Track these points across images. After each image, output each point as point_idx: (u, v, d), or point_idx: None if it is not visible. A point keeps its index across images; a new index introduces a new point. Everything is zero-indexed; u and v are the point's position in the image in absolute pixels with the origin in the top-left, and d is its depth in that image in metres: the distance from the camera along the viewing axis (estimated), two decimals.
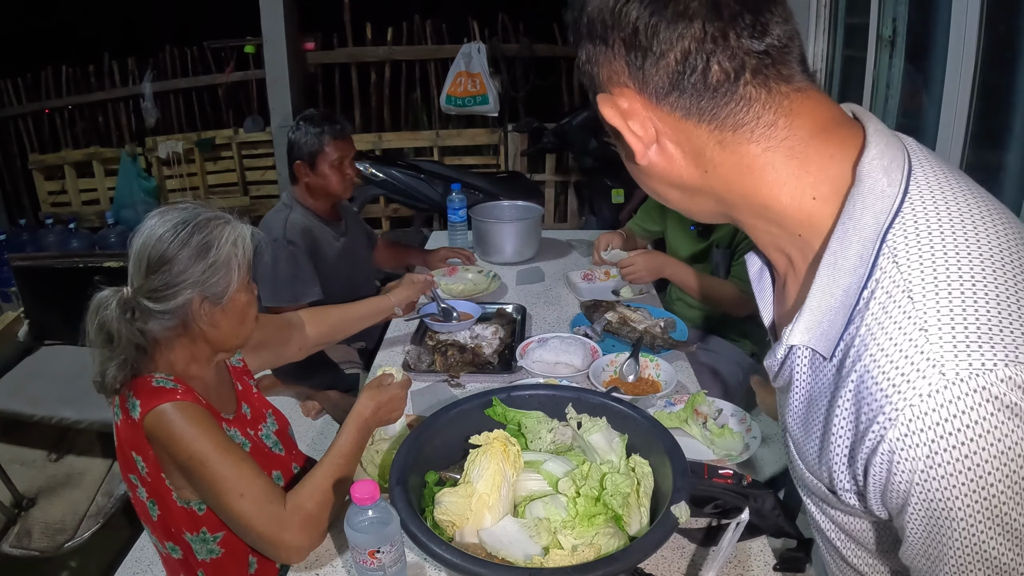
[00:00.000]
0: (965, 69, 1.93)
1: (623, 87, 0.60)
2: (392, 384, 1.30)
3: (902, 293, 0.53)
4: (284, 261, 2.01)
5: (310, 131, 2.06)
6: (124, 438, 1.13)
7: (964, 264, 0.52)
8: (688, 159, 0.61)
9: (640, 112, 0.60)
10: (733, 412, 1.51)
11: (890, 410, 0.52)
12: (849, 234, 0.56)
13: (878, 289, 0.54)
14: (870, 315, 0.55)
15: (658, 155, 0.62)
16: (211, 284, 1.12)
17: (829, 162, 0.58)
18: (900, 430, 0.52)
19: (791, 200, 0.59)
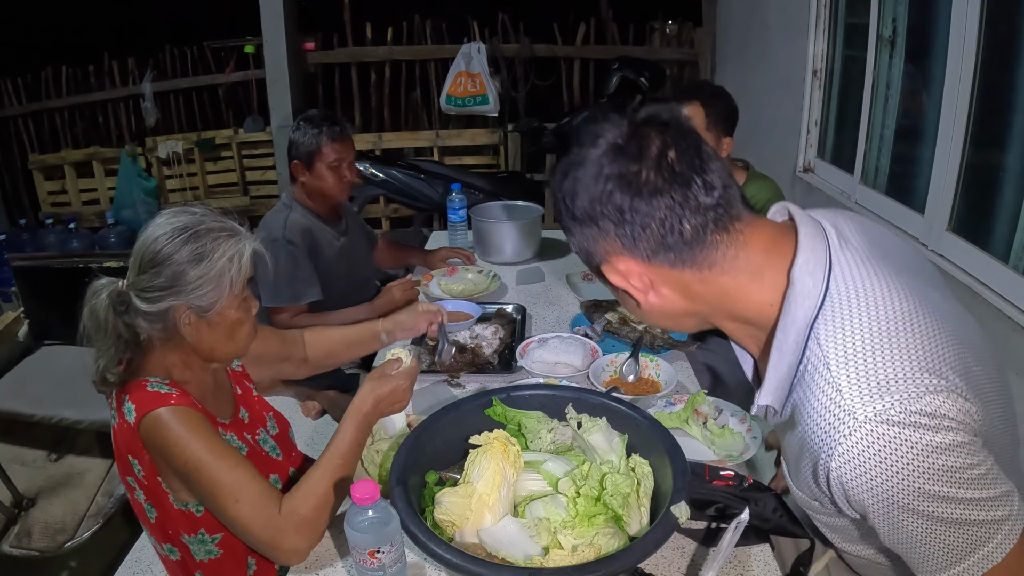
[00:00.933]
0: (965, 69, 1.93)
1: (618, 255, 0.78)
2: (395, 374, 1.25)
3: (823, 365, 0.72)
4: (284, 261, 2.01)
5: (309, 131, 2.05)
6: (120, 441, 1.13)
7: (866, 339, 0.71)
8: (678, 295, 0.80)
9: (635, 271, 0.79)
10: (733, 412, 1.50)
11: (828, 450, 0.72)
12: (788, 327, 0.76)
13: (808, 364, 0.75)
14: (803, 384, 0.75)
15: (656, 298, 0.81)
16: (198, 296, 1.09)
17: (774, 272, 0.77)
18: (838, 461, 0.71)
19: (755, 308, 0.80)
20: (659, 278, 0.79)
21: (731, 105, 1.97)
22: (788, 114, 3.21)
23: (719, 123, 1.93)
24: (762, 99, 3.49)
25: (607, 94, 3.85)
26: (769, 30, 3.50)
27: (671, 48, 5.04)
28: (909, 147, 2.44)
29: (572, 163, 0.78)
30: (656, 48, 5.07)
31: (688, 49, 4.93)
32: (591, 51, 5.17)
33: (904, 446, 0.68)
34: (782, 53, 3.31)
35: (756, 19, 3.66)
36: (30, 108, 5.46)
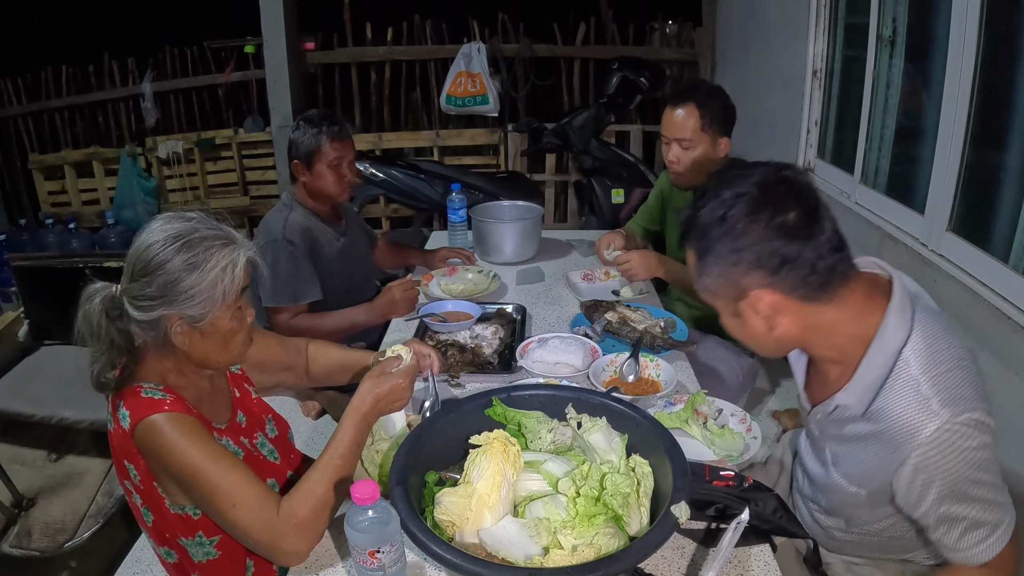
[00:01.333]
0: (965, 69, 1.93)
1: (761, 288, 0.97)
2: (395, 372, 1.24)
3: (913, 379, 0.98)
4: (284, 261, 2.01)
5: (309, 131, 2.05)
6: (116, 446, 1.12)
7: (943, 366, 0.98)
8: (794, 325, 1.01)
9: (769, 301, 0.98)
10: (733, 412, 1.51)
11: (913, 438, 0.97)
12: (880, 350, 1.01)
13: (898, 378, 0.99)
14: (893, 391, 0.99)
15: (771, 326, 1.01)
16: (189, 306, 1.07)
17: (872, 314, 1.02)
18: (923, 448, 0.96)
19: (852, 337, 1.03)
20: (787, 310, 0.99)
21: (728, 105, 1.97)
22: (788, 114, 3.21)
23: (715, 124, 1.93)
24: (762, 99, 3.49)
25: (607, 94, 3.84)
26: (769, 30, 3.50)
27: (671, 48, 5.04)
28: (909, 147, 2.44)
29: (723, 208, 0.96)
30: (656, 48, 5.07)
31: (688, 49, 4.93)
32: (591, 51, 5.17)
33: (964, 438, 0.95)
34: (782, 53, 3.31)
35: (756, 19, 3.66)
36: (30, 108, 5.46)
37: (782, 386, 2.48)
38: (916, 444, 0.96)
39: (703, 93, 1.96)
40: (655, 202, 2.35)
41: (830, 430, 1.14)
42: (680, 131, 1.94)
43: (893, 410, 0.99)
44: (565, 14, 5.23)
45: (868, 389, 1.02)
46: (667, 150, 2.01)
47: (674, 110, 1.95)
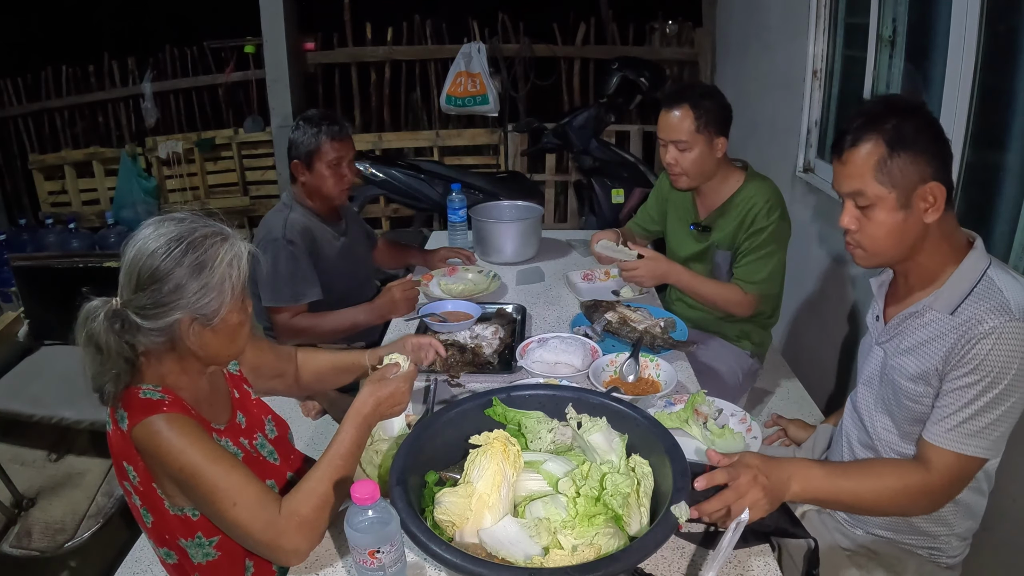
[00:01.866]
0: (965, 69, 1.93)
1: (935, 179, 1.15)
2: (395, 377, 1.26)
3: (996, 290, 1.16)
4: (284, 261, 2.01)
5: (308, 130, 2.05)
6: (115, 448, 1.12)
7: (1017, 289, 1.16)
8: (937, 221, 1.18)
9: (937, 191, 1.15)
10: (733, 412, 1.51)
11: (991, 327, 1.12)
12: (971, 268, 1.21)
13: (983, 288, 1.17)
14: (979, 296, 1.17)
15: (934, 214, 1.17)
16: (202, 306, 1.08)
17: (963, 240, 1.25)
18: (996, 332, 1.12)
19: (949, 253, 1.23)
20: (941, 206, 1.16)
21: (723, 104, 1.96)
22: (788, 114, 3.21)
23: (711, 124, 1.92)
24: (762, 99, 3.49)
25: (607, 94, 3.84)
26: (769, 30, 3.50)
27: (671, 48, 5.04)
28: None
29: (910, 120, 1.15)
30: (656, 48, 5.07)
31: (688, 49, 4.93)
32: (591, 51, 5.17)
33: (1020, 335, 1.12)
34: (782, 53, 3.31)
35: (756, 19, 3.66)
36: (30, 108, 5.46)
37: (782, 386, 2.48)
38: (988, 328, 1.12)
39: (697, 94, 1.95)
40: (654, 203, 2.35)
41: (900, 339, 1.28)
42: (676, 133, 1.94)
43: (978, 309, 1.15)
44: (565, 14, 5.23)
45: (959, 294, 1.19)
46: (664, 152, 2.01)
47: (669, 112, 1.95)
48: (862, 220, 1.22)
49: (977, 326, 1.13)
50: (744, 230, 1.98)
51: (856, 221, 1.23)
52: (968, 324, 1.15)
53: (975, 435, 1.15)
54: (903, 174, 1.15)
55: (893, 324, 1.30)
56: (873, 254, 1.25)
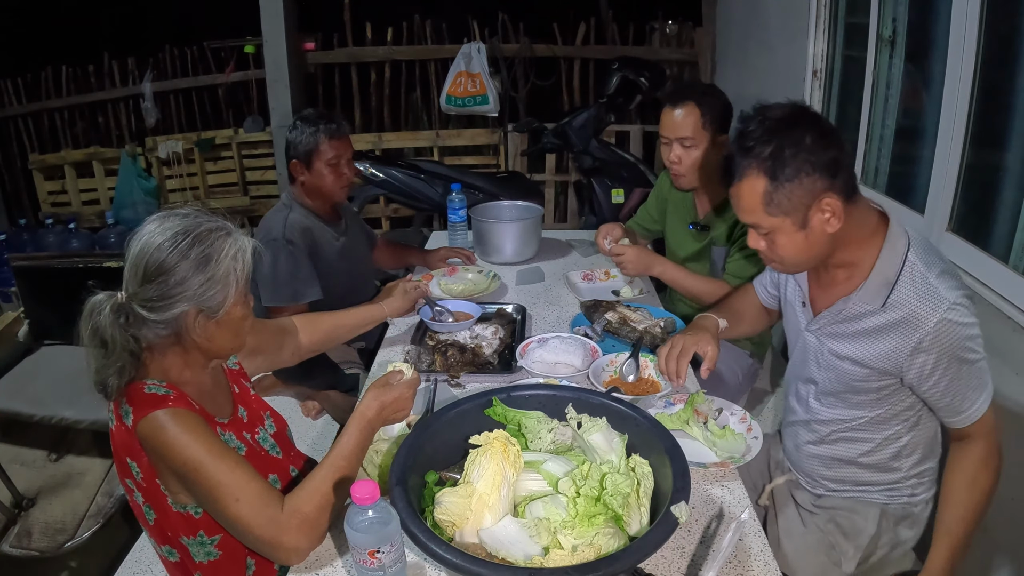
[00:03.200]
0: (965, 69, 1.93)
1: (825, 192, 1.16)
2: (399, 383, 1.27)
3: (921, 274, 1.19)
4: (284, 261, 2.01)
5: (306, 130, 2.06)
6: (119, 444, 1.13)
7: (942, 263, 1.22)
8: (841, 224, 1.18)
9: (831, 203, 1.16)
10: (733, 412, 1.50)
11: (928, 318, 1.17)
12: (891, 254, 1.22)
13: (908, 274, 1.20)
14: (905, 284, 1.20)
15: (834, 224, 1.18)
16: (208, 298, 1.10)
17: (878, 223, 1.25)
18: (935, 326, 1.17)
19: (867, 240, 1.24)
20: (840, 210, 1.16)
21: (724, 103, 1.97)
22: None
23: (714, 122, 1.93)
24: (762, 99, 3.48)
25: (607, 94, 3.84)
26: (769, 30, 3.49)
27: (671, 48, 5.04)
28: (909, 147, 2.44)
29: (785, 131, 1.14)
30: (656, 48, 5.07)
31: (688, 49, 4.93)
32: (591, 51, 5.17)
33: (964, 316, 1.17)
34: (782, 53, 3.31)
35: (756, 19, 3.66)
36: (30, 108, 5.46)
37: (782, 386, 2.48)
38: (927, 330, 1.17)
39: (700, 91, 1.96)
40: (654, 203, 2.35)
41: (837, 329, 1.32)
42: (681, 130, 1.94)
43: (909, 299, 1.19)
44: (565, 14, 5.23)
45: (885, 284, 1.21)
46: (667, 151, 2.01)
47: (673, 110, 1.95)
48: (767, 242, 1.24)
49: (918, 327, 1.18)
50: (740, 226, 1.99)
51: (762, 242, 1.25)
52: (909, 325, 1.19)
53: (981, 390, 1.25)
54: (792, 200, 1.15)
55: (825, 316, 1.33)
56: (790, 267, 1.30)
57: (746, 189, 1.18)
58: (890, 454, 1.40)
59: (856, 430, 1.40)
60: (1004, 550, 1.77)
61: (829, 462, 1.47)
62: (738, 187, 1.20)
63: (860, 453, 1.41)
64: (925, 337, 1.18)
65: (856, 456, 1.42)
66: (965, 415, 1.25)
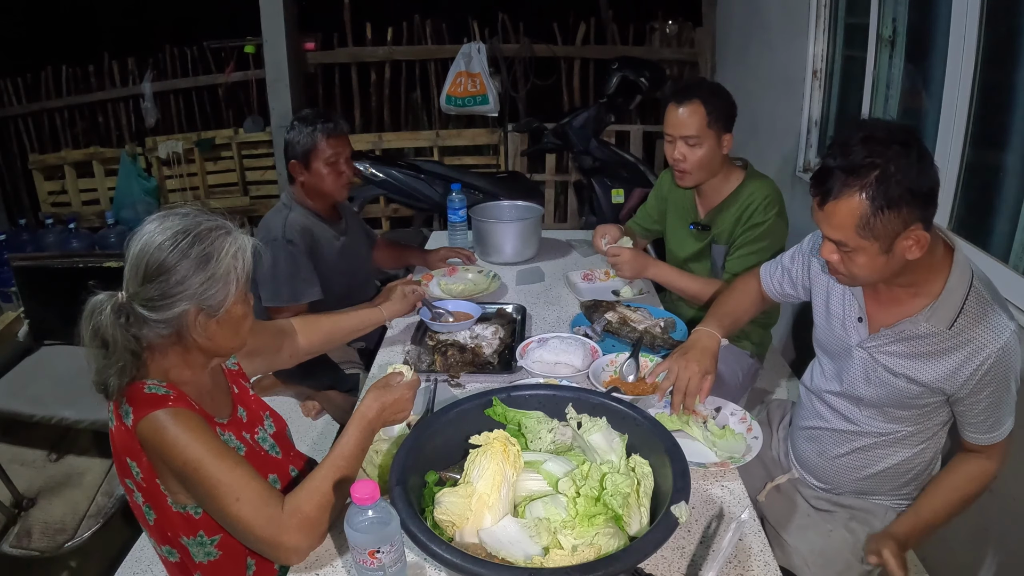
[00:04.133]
0: (965, 69, 1.93)
1: (917, 222, 1.14)
2: (399, 385, 1.28)
3: (987, 303, 1.24)
4: (284, 261, 2.01)
5: (304, 130, 2.06)
6: (119, 444, 1.13)
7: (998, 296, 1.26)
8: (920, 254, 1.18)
9: (919, 231, 1.15)
10: (733, 412, 1.50)
11: (993, 343, 1.22)
12: (958, 279, 1.24)
13: (973, 302, 1.23)
14: (972, 311, 1.23)
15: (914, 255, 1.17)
16: (208, 297, 1.10)
17: (945, 252, 1.26)
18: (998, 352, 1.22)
19: (935, 267, 1.25)
20: (925, 240, 1.16)
21: (730, 102, 1.97)
22: (788, 114, 3.21)
23: (720, 120, 1.93)
24: (762, 99, 3.49)
25: (607, 94, 3.84)
26: (769, 30, 3.50)
27: (671, 48, 5.04)
28: None
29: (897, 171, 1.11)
30: (656, 48, 5.07)
31: (688, 49, 4.93)
32: (591, 51, 5.17)
33: (1018, 346, 1.22)
34: (782, 53, 3.31)
35: (756, 19, 3.66)
36: (30, 108, 5.46)
37: (782, 386, 2.48)
38: (989, 353, 1.21)
39: (707, 90, 1.96)
40: (654, 203, 2.35)
41: (896, 348, 1.32)
42: (686, 128, 1.94)
43: (974, 324, 1.22)
44: (565, 14, 5.22)
45: (953, 309, 1.23)
46: (671, 149, 2.00)
47: (678, 108, 1.94)
48: (843, 257, 1.22)
49: (982, 350, 1.22)
50: (741, 224, 1.99)
51: (837, 256, 1.23)
52: (972, 347, 1.23)
53: (1011, 415, 1.31)
54: (886, 228, 1.14)
55: (885, 334, 1.33)
56: (860, 282, 1.30)
57: (843, 208, 1.14)
58: (916, 464, 1.45)
59: (894, 444, 1.43)
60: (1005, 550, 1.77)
61: (859, 470, 1.49)
62: (834, 205, 1.15)
63: (893, 464, 1.45)
64: (986, 361, 1.22)
65: (888, 467, 1.45)
66: (992, 435, 1.31)
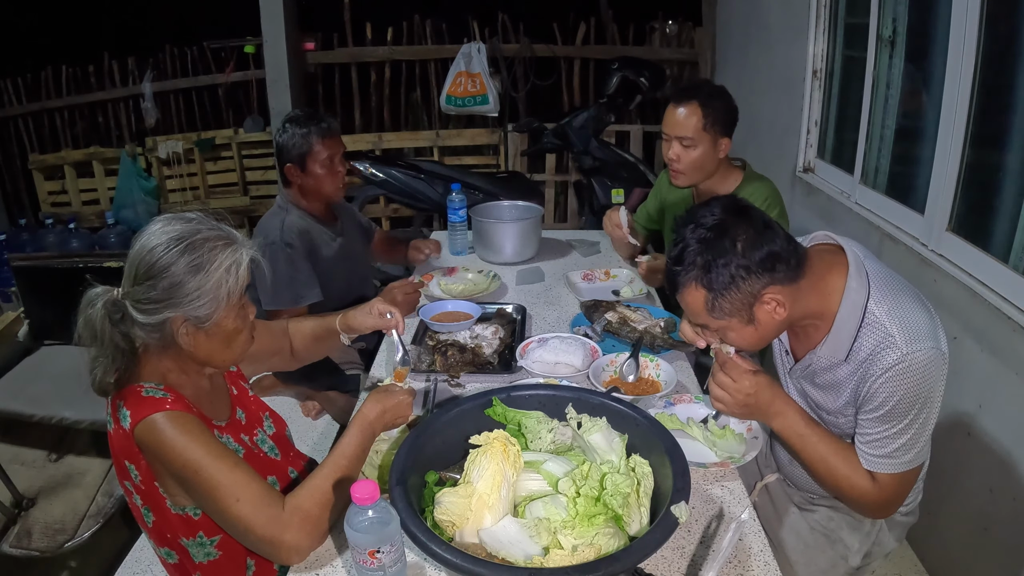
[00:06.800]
0: (965, 69, 1.93)
1: (766, 288, 1.15)
2: (398, 390, 1.29)
3: (880, 324, 1.18)
4: (282, 263, 2.01)
5: (296, 132, 2.05)
6: (117, 447, 1.12)
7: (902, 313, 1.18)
8: (790, 306, 1.18)
9: (774, 296, 1.16)
10: None
11: (884, 365, 1.16)
12: (850, 306, 1.20)
13: (868, 325, 1.19)
14: (866, 334, 1.20)
15: (781, 312, 1.18)
16: (195, 307, 1.09)
17: (836, 277, 1.22)
18: (891, 370, 1.16)
19: (825, 300, 1.22)
20: (785, 296, 1.17)
21: (730, 105, 1.96)
22: (788, 114, 3.21)
23: (717, 124, 1.92)
24: (762, 99, 3.49)
25: (607, 94, 3.84)
26: (769, 30, 3.50)
27: (671, 48, 5.04)
28: (909, 147, 2.45)
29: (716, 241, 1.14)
30: (656, 48, 5.07)
31: (688, 49, 4.93)
32: (591, 51, 5.17)
33: (920, 366, 1.15)
34: (782, 53, 3.31)
35: (756, 19, 3.67)
36: (30, 108, 5.45)
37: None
38: (883, 367, 1.16)
39: (706, 92, 1.95)
40: (653, 202, 2.35)
41: (810, 379, 1.34)
42: (682, 129, 1.94)
43: (870, 351, 1.19)
44: (565, 14, 5.22)
45: (846, 338, 1.22)
46: (667, 148, 2.00)
47: (676, 108, 1.94)
48: (723, 336, 1.26)
49: (872, 367, 1.18)
50: None
51: (722, 335, 1.26)
52: (864, 365, 1.20)
53: (904, 453, 1.21)
54: (733, 305, 1.16)
55: (800, 367, 1.34)
56: (754, 347, 1.30)
57: (688, 298, 1.19)
58: None
59: None
60: (1005, 550, 1.77)
61: None
62: (681, 296, 1.21)
63: None
64: (878, 378, 1.17)
65: None
66: (879, 458, 1.22)
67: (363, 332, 1.58)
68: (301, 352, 1.60)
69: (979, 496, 1.86)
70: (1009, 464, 1.75)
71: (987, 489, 1.83)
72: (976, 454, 1.86)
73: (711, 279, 1.15)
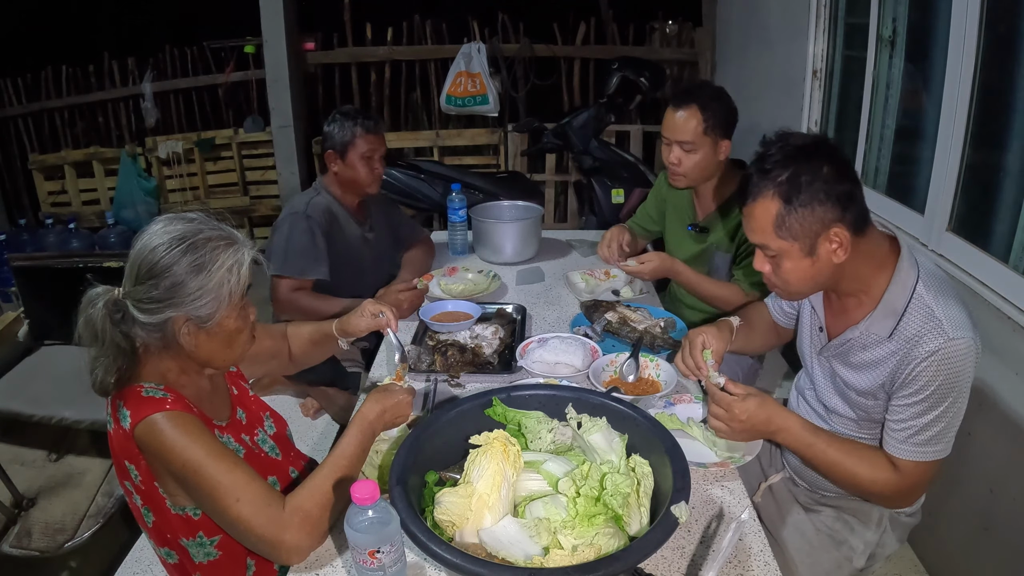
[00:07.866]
0: (965, 69, 1.93)
1: (836, 222, 1.17)
2: (398, 389, 1.29)
3: (927, 307, 1.20)
4: (299, 234, 2.09)
5: (344, 123, 2.16)
6: (117, 447, 1.12)
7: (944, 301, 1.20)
8: (847, 255, 1.19)
9: (840, 233, 1.17)
10: None
11: (929, 348, 1.17)
12: (900, 285, 1.23)
13: (914, 306, 1.21)
14: (912, 315, 1.21)
15: (841, 254, 1.19)
16: (197, 307, 1.09)
17: (888, 255, 1.26)
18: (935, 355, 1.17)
19: (875, 272, 1.25)
20: (848, 241, 1.17)
21: (730, 107, 1.95)
22: (788, 114, 3.21)
23: (717, 127, 1.92)
24: (762, 99, 3.49)
25: (607, 94, 3.84)
26: (769, 30, 3.50)
27: (671, 48, 5.04)
28: (909, 147, 2.45)
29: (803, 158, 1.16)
30: (656, 48, 5.07)
31: (688, 49, 4.92)
32: (591, 51, 5.16)
33: (958, 357, 1.16)
34: (782, 53, 3.31)
35: (756, 19, 3.66)
36: (30, 108, 5.45)
37: (782, 387, 2.48)
38: (923, 352, 1.17)
39: (706, 95, 1.94)
40: (653, 203, 2.35)
41: (846, 358, 1.33)
42: (682, 133, 1.93)
43: (914, 333, 1.20)
44: (565, 14, 5.22)
45: (893, 315, 1.23)
46: (667, 151, 2.00)
47: (676, 112, 1.93)
48: (772, 265, 1.26)
49: (915, 349, 1.19)
50: (743, 230, 1.98)
51: (768, 266, 1.27)
52: (907, 347, 1.21)
53: (931, 442, 1.22)
54: (803, 226, 1.17)
55: (835, 344, 1.34)
56: (792, 292, 1.30)
57: (759, 210, 1.20)
58: None
59: None
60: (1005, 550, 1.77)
61: None
62: (751, 207, 1.21)
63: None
64: (921, 361, 1.18)
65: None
66: (906, 447, 1.23)
67: (359, 335, 1.58)
68: (299, 356, 1.60)
69: (979, 496, 1.86)
70: (1009, 464, 1.75)
71: (987, 489, 1.83)
72: (976, 454, 1.86)
73: (791, 192, 1.15)
